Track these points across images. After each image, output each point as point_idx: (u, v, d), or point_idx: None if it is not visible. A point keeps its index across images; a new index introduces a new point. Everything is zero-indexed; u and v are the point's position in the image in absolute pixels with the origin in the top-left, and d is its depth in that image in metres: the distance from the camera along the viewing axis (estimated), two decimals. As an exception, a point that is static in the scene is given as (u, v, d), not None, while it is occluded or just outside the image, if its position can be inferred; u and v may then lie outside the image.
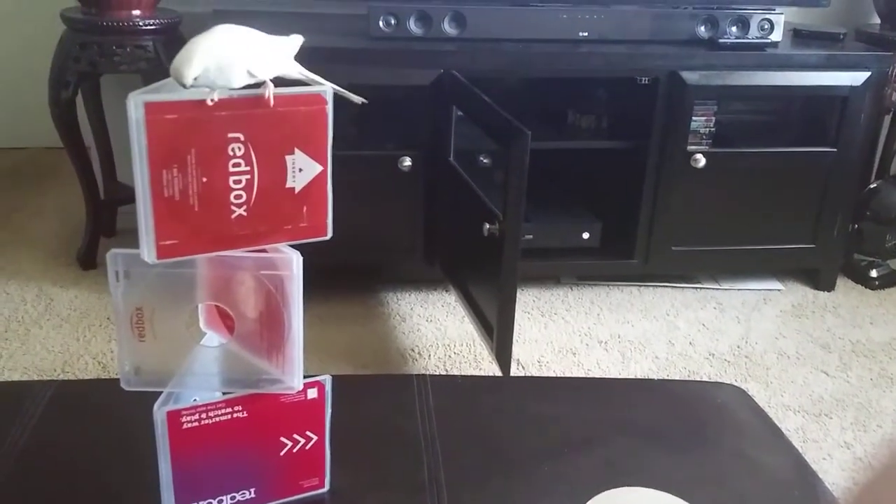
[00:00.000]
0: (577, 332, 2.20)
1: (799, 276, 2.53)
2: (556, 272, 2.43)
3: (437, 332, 2.17)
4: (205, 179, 0.75)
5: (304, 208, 0.81)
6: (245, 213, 0.78)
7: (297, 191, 0.80)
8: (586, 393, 1.16)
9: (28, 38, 3.11)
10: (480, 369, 2.01)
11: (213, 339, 0.85)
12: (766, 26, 2.23)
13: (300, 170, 0.80)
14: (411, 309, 2.28)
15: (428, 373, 1.86)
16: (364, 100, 0.84)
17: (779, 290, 2.47)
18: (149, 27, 2.21)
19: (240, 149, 0.76)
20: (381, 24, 2.12)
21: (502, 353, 1.81)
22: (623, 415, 1.09)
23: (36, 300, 2.24)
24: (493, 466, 0.99)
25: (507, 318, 1.79)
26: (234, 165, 0.76)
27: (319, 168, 0.81)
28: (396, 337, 2.15)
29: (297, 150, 0.79)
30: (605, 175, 2.43)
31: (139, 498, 0.88)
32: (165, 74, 2.54)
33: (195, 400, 0.85)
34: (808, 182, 2.32)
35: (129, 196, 2.50)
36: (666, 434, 1.05)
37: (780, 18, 2.23)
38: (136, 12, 2.22)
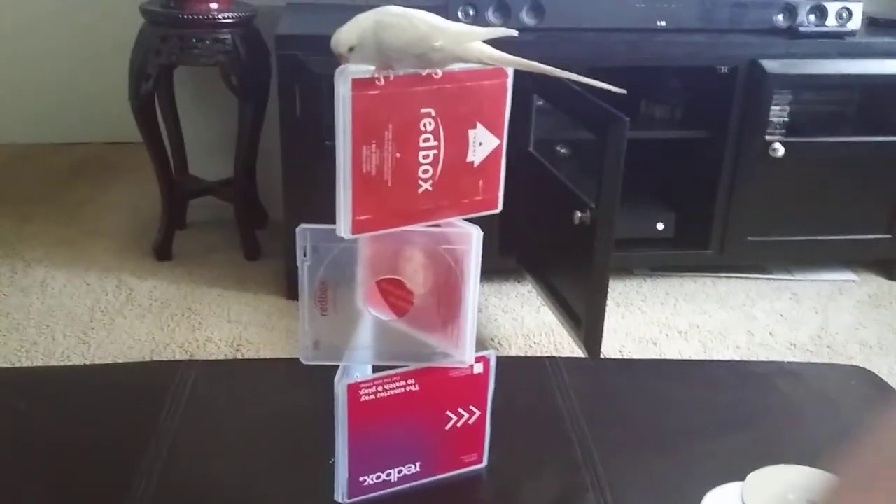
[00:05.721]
0: (656, 323, 2.19)
1: (872, 266, 2.51)
2: (629, 263, 2.42)
3: (514, 322, 2.18)
4: (398, 155, 0.76)
5: (481, 182, 0.82)
6: (430, 188, 0.79)
7: (475, 164, 0.81)
8: (721, 375, 1.16)
9: (92, 35, 3.14)
10: (564, 358, 2.01)
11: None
12: (844, 14, 2.22)
13: (480, 144, 0.81)
14: (486, 300, 2.28)
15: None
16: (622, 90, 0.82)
17: (853, 280, 2.45)
18: (227, 20, 2.23)
19: (430, 124, 0.77)
20: (459, 14, 2.12)
21: (591, 343, 1.81)
22: (762, 396, 1.09)
23: (116, 291, 2.26)
24: (643, 445, 0.99)
25: (597, 307, 1.79)
26: (424, 140, 0.77)
27: (497, 142, 0.82)
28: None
29: (478, 124, 0.80)
30: (679, 165, 2.42)
31: (313, 472, 0.89)
32: (243, 66, 2.52)
33: (357, 377, 0.86)
34: (885, 171, 2.30)
35: (200, 189, 2.52)
36: (810, 414, 1.05)
37: (859, 6, 2.22)
38: (214, 5, 2.24)
